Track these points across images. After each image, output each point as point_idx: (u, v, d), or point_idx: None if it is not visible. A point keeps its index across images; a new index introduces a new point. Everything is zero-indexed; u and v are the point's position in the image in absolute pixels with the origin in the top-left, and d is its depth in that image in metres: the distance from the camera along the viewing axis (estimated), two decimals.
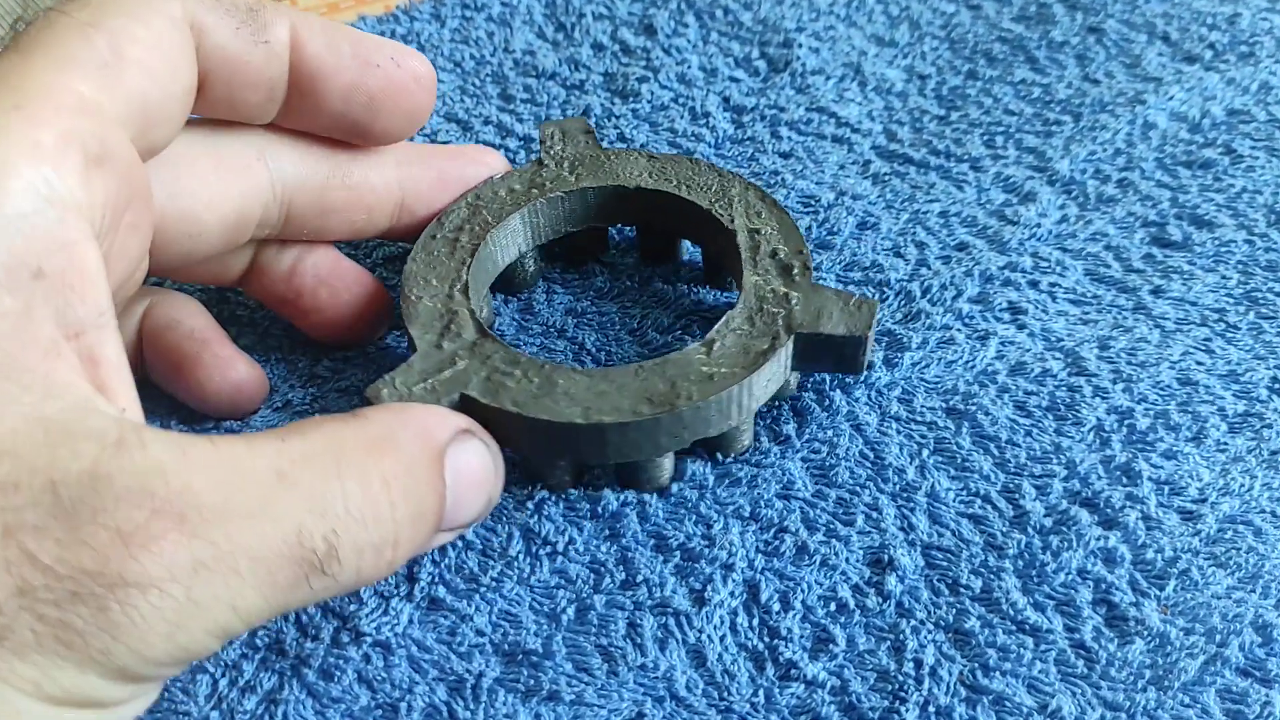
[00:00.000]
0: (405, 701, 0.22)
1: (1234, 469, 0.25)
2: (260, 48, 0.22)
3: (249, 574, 0.17)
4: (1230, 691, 0.22)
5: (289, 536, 0.17)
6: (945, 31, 0.39)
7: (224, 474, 0.17)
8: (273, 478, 0.18)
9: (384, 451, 0.19)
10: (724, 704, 0.22)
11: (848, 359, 0.25)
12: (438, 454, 0.20)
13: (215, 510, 0.17)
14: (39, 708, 0.16)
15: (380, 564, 0.19)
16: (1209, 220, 0.32)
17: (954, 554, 0.24)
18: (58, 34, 0.19)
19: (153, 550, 0.16)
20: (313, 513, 0.18)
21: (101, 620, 0.16)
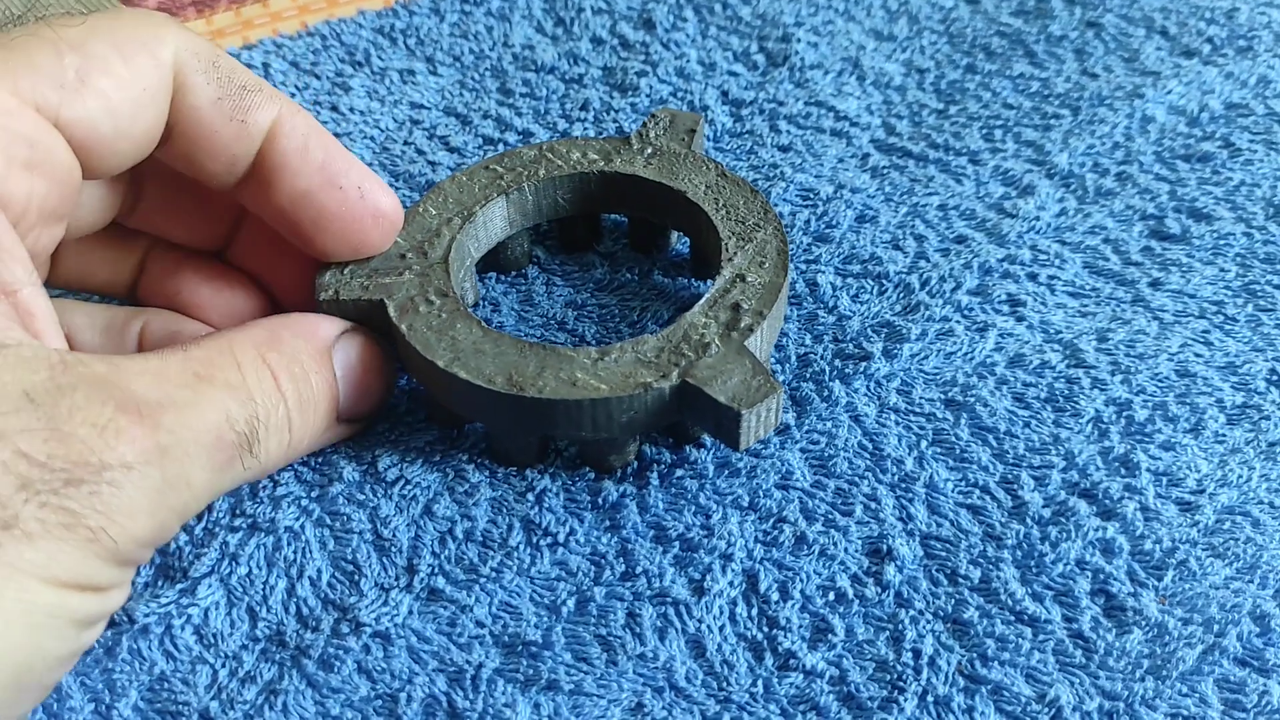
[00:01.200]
0: (405, 692, 0.22)
1: (1232, 460, 0.26)
2: (234, 124, 0.23)
3: (197, 456, 0.20)
4: (1228, 681, 0.22)
5: (221, 421, 0.21)
6: (944, 25, 0.39)
7: (154, 378, 0.20)
8: (192, 377, 0.21)
9: (271, 346, 0.23)
10: (723, 694, 0.22)
11: (725, 429, 0.23)
12: (323, 349, 0.24)
13: (160, 405, 0.19)
14: (47, 592, 0.18)
15: (282, 448, 0.23)
16: (1207, 213, 0.32)
17: (952, 544, 0.24)
18: (32, 44, 0.20)
19: (125, 438, 0.18)
20: (234, 401, 0.21)
21: (95, 501, 0.18)
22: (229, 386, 0.21)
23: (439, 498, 0.25)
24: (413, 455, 0.26)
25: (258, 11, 0.43)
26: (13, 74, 0.20)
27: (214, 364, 0.21)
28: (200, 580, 0.24)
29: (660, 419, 0.24)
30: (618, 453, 0.25)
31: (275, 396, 0.22)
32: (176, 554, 0.24)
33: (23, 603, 0.17)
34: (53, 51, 0.20)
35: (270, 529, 0.25)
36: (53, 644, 0.18)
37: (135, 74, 0.21)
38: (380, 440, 0.26)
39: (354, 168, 0.24)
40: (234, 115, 0.23)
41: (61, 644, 0.19)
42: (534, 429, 0.24)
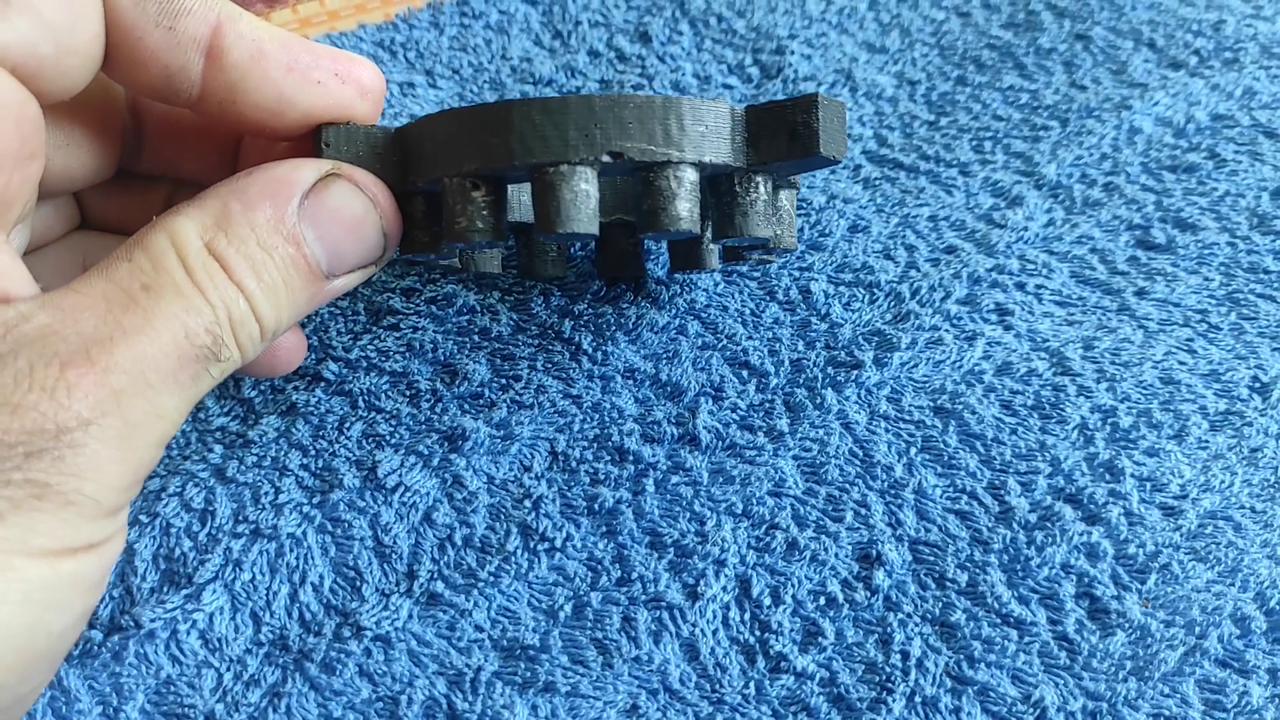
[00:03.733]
0: (406, 694, 0.23)
1: (1215, 466, 0.26)
2: (161, 30, 0.21)
3: (160, 383, 0.19)
4: (1209, 682, 0.22)
5: (177, 339, 0.19)
6: (935, 38, 0.40)
7: (101, 307, 0.19)
8: (140, 293, 0.19)
9: (220, 227, 0.20)
10: (716, 696, 0.23)
11: (800, 134, 0.22)
12: (286, 214, 0.21)
13: (110, 340, 0.18)
14: (35, 565, 0.17)
15: (255, 340, 0.21)
16: (1193, 223, 0.32)
17: (940, 549, 0.25)
18: None
19: (78, 394, 0.18)
20: (187, 312, 0.19)
21: (61, 467, 0.17)
22: (179, 294, 0.19)
23: (438, 505, 0.26)
24: (413, 461, 0.26)
25: None
26: None
27: (160, 269, 0.19)
28: (205, 586, 0.24)
29: (714, 149, 0.22)
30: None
31: (233, 292, 0.20)
32: (181, 560, 0.25)
33: (10, 582, 0.17)
34: None
35: (273, 535, 0.25)
36: (53, 616, 0.18)
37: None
38: (381, 445, 0.27)
39: (322, 56, 0.22)
40: (159, 21, 0.21)
41: (63, 614, 0.19)
42: (597, 143, 0.21)
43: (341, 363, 0.29)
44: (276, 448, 0.27)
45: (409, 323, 0.30)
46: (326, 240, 0.21)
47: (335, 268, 0.22)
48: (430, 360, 0.29)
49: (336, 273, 0.22)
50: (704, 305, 0.30)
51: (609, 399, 0.28)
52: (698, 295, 0.30)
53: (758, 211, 0.23)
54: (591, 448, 0.26)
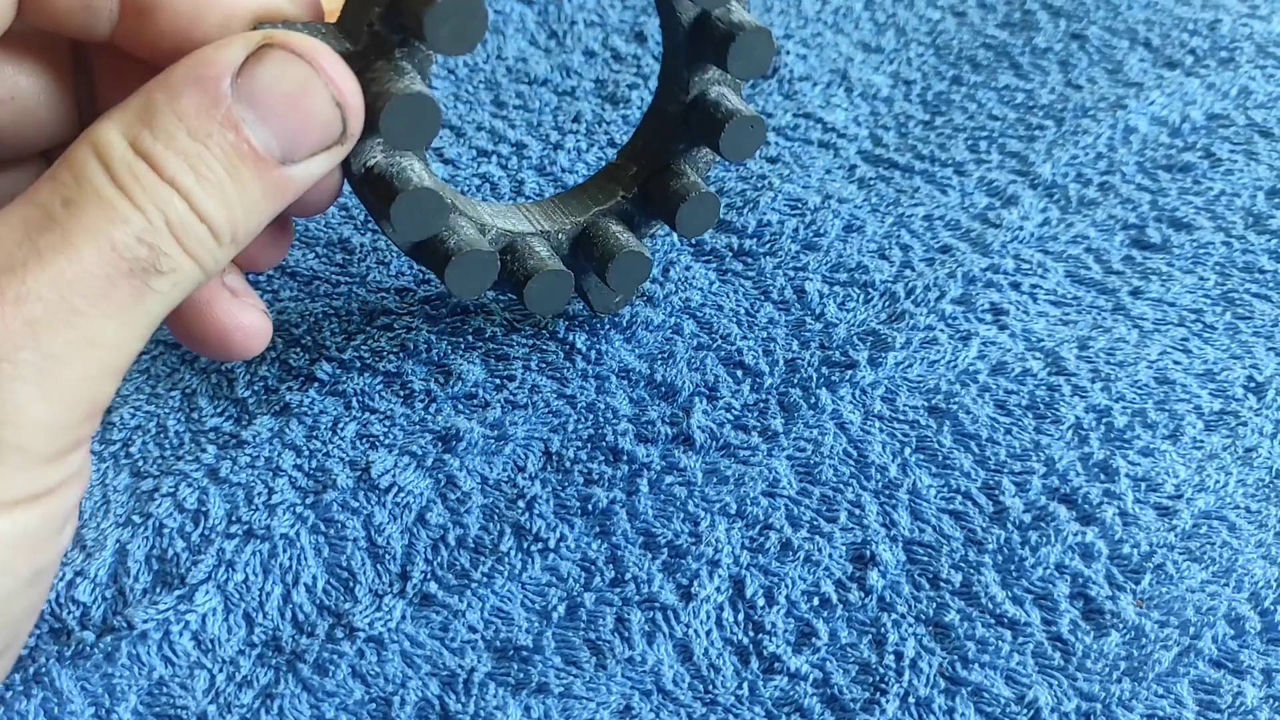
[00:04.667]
0: (399, 696, 0.23)
1: (1209, 466, 0.26)
2: None
3: (88, 306, 0.17)
4: (1203, 682, 0.22)
5: (103, 253, 0.17)
6: (931, 38, 0.40)
7: (20, 233, 0.17)
8: (60, 210, 0.17)
9: (143, 123, 0.18)
10: (709, 697, 0.23)
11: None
12: (216, 96, 0.18)
13: (23, 267, 0.16)
14: None
15: (207, 243, 0.19)
16: (1188, 223, 0.32)
17: (935, 549, 0.25)
18: None
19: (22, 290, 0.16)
20: (112, 222, 0.17)
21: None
22: (101, 204, 0.17)
23: (431, 505, 0.26)
24: (406, 461, 0.26)
25: None
26: None
27: (82, 180, 0.17)
28: (197, 587, 0.24)
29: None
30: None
31: (165, 192, 0.18)
32: (174, 561, 0.25)
33: None
34: None
35: (266, 536, 0.25)
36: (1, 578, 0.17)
37: None
38: (375, 447, 0.27)
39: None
40: None
41: (10, 575, 0.17)
42: None
43: (335, 363, 0.29)
44: (270, 448, 0.27)
45: (402, 323, 0.30)
46: (270, 120, 0.19)
47: (289, 152, 0.19)
48: (424, 360, 0.29)
49: (293, 158, 0.19)
50: (699, 305, 0.30)
51: (603, 399, 0.28)
52: (692, 294, 0.30)
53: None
54: (585, 448, 0.26)
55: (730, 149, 0.26)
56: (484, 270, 0.25)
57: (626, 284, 0.27)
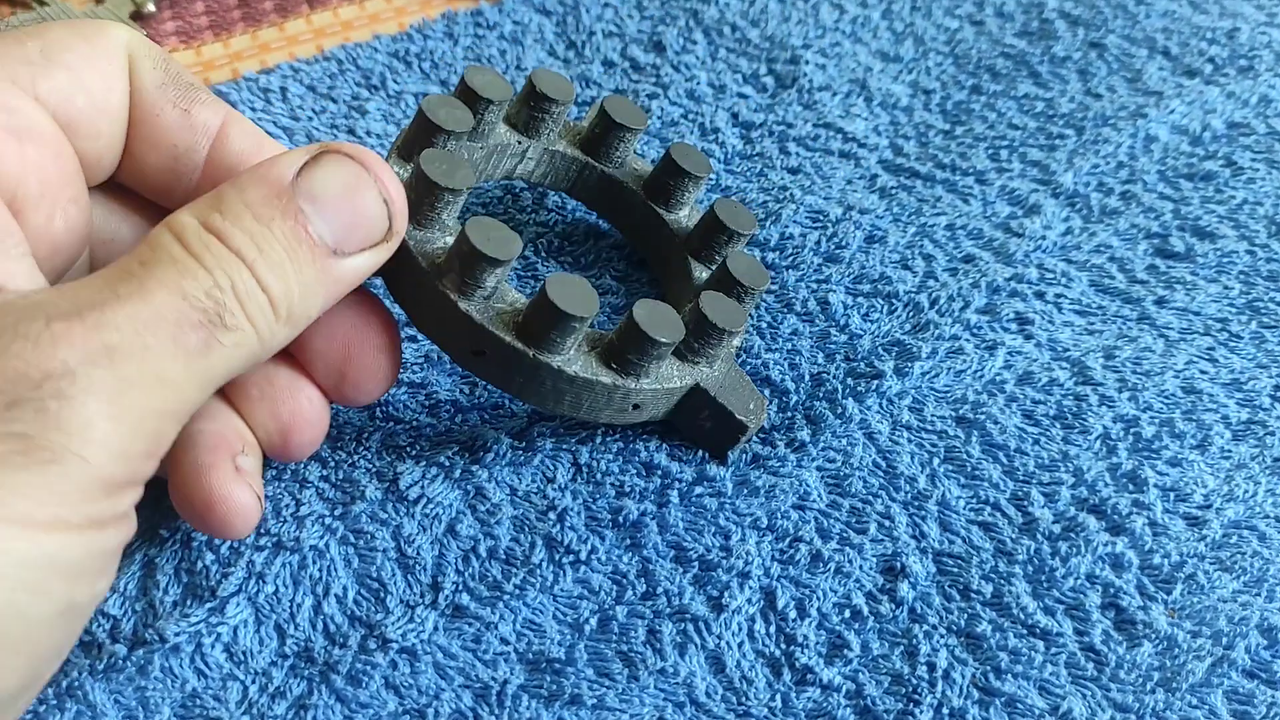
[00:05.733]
0: (432, 708, 0.23)
1: (1238, 475, 0.26)
2: (177, 111, 0.22)
3: (159, 346, 0.18)
4: (1237, 693, 0.22)
5: (176, 302, 0.18)
6: (949, 47, 0.40)
7: (94, 284, 0.18)
8: (137, 267, 0.19)
9: (213, 209, 0.20)
10: (742, 708, 0.23)
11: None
12: (279, 190, 0.20)
13: (102, 303, 0.18)
14: (13, 534, 0.16)
15: (268, 313, 0.20)
16: (1211, 231, 0.32)
17: (965, 561, 0.25)
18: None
19: (63, 344, 0.17)
20: (182, 276, 0.19)
21: (44, 420, 0.16)
22: (175, 263, 0.19)
23: (461, 516, 0.26)
24: (434, 472, 0.26)
25: (274, 35, 0.44)
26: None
27: (157, 247, 0.19)
28: (228, 599, 0.24)
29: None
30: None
31: (232, 261, 0.19)
32: (204, 573, 0.25)
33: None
34: (13, 39, 0.20)
35: (295, 548, 0.25)
36: (26, 598, 0.16)
37: (96, 50, 0.21)
38: (401, 458, 0.27)
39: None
40: (177, 103, 0.22)
41: (44, 600, 0.17)
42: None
43: None
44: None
45: None
46: (326, 213, 0.21)
47: (341, 243, 0.21)
48: (449, 371, 0.29)
49: (345, 249, 0.21)
50: None
51: None
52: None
53: None
54: (617, 460, 0.26)
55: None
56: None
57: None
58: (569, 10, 0.42)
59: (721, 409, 0.26)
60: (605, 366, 0.24)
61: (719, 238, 0.28)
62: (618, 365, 0.24)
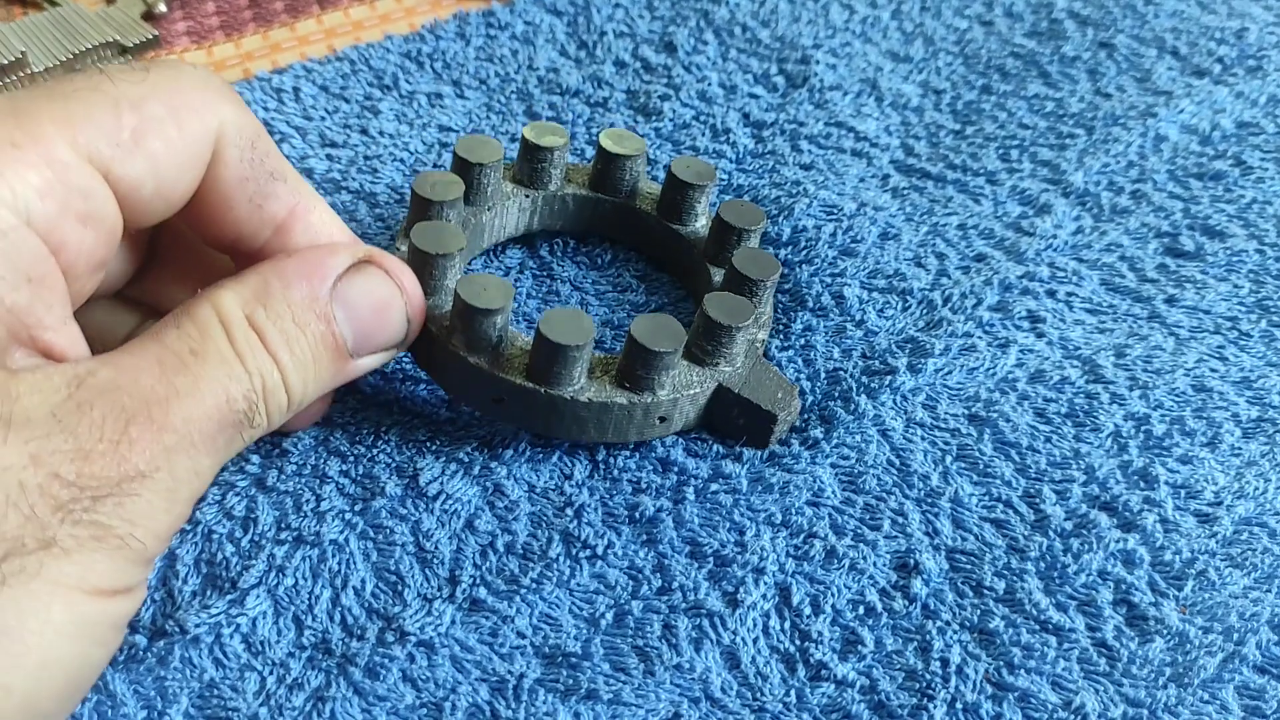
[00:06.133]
0: (449, 701, 0.23)
1: (1248, 473, 0.26)
2: (251, 206, 0.23)
3: (202, 444, 0.21)
4: (1248, 688, 0.22)
5: (220, 405, 0.21)
6: (959, 47, 0.40)
7: (157, 369, 0.20)
8: (189, 357, 0.21)
9: (259, 301, 0.22)
10: (757, 704, 0.23)
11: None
12: (319, 294, 0.23)
13: (166, 401, 0.20)
14: (88, 602, 0.19)
15: (281, 410, 0.23)
16: (1220, 230, 0.32)
17: (977, 557, 0.25)
18: (94, 98, 0.21)
19: (138, 449, 0.20)
20: (229, 378, 0.21)
21: (122, 512, 0.19)
22: (222, 361, 0.21)
23: (480, 512, 0.26)
24: (453, 468, 0.27)
25: (285, 35, 0.44)
26: (72, 126, 0.20)
27: (206, 336, 0.21)
28: (248, 591, 0.25)
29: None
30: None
31: (268, 363, 0.22)
32: (224, 565, 0.25)
33: (71, 616, 0.19)
34: (112, 109, 0.21)
35: (315, 542, 0.25)
36: (97, 650, 0.20)
37: (185, 139, 0.22)
38: (421, 452, 0.27)
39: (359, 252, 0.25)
40: (253, 198, 0.23)
41: (104, 649, 0.20)
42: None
43: (376, 374, 0.29)
44: (315, 455, 0.27)
45: None
46: (354, 321, 0.23)
47: (360, 348, 0.24)
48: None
49: (361, 353, 0.24)
50: None
51: None
52: None
53: None
54: (633, 457, 0.27)
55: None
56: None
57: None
58: (580, 10, 0.42)
59: (748, 404, 0.26)
60: (619, 387, 0.25)
61: (729, 238, 0.29)
62: (630, 384, 0.25)
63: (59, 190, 0.20)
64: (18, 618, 0.18)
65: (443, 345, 0.25)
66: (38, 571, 0.18)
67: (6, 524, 0.18)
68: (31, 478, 0.18)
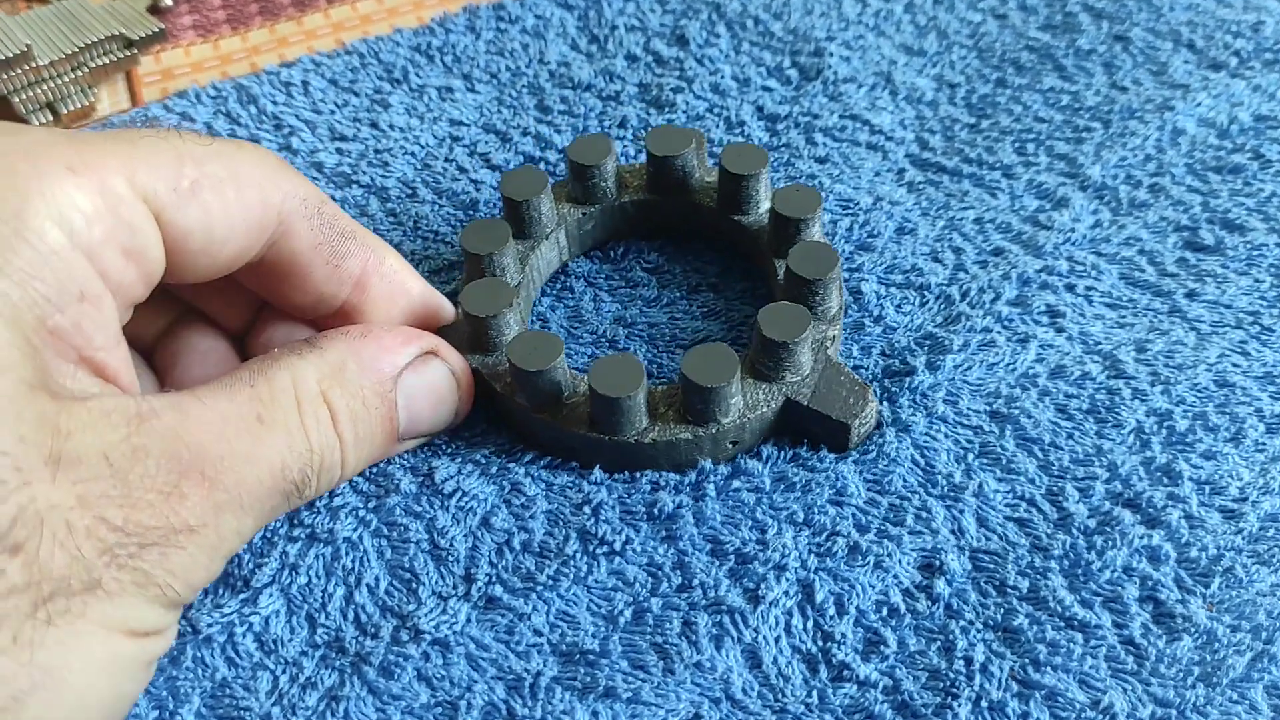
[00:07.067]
0: (464, 699, 0.23)
1: (1273, 468, 0.26)
2: (329, 268, 0.24)
3: (250, 507, 0.21)
4: (1278, 688, 0.22)
5: (275, 472, 0.21)
6: (973, 40, 0.40)
7: (220, 427, 0.21)
8: (255, 423, 0.21)
9: (335, 379, 0.23)
10: (779, 705, 0.22)
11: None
12: (389, 380, 0.24)
13: (222, 460, 0.20)
14: (126, 642, 0.19)
15: (332, 483, 0.24)
16: (1240, 224, 0.32)
17: (1001, 557, 0.24)
18: (160, 146, 0.21)
19: (188, 503, 0.20)
20: (289, 450, 0.22)
21: (164, 562, 0.19)
22: (288, 433, 0.22)
23: (496, 510, 0.26)
24: (469, 468, 0.26)
25: (292, 29, 0.44)
26: (133, 164, 0.21)
27: (276, 404, 0.22)
28: (261, 590, 0.24)
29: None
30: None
31: (332, 440, 0.23)
32: (237, 563, 0.25)
33: (109, 654, 0.19)
34: (175, 159, 0.21)
35: (329, 539, 0.25)
36: (130, 686, 0.20)
37: (242, 205, 0.22)
38: (437, 452, 0.27)
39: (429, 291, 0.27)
40: (329, 260, 0.24)
41: (136, 685, 0.21)
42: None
43: None
44: None
45: None
46: (411, 409, 0.25)
47: (409, 432, 0.25)
48: None
49: (408, 436, 0.25)
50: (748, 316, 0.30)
51: None
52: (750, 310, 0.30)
53: None
54: None
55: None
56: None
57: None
58: (591, 4, 0.42)
59: (817, 415, 0.25)
60: (682, 422, 0.25)
61: (786, 230, 0.28)
62: (693, 417, 0.25)
63: (107, 220, 0.20)
64: (62, 658, 0.18)
65: (507, 402, 0.26)
66: (82, 612, 0.18)
67: (54, 564, 0.18)
68: (79, 519, 0.18)
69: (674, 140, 0.30)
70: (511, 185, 0.29)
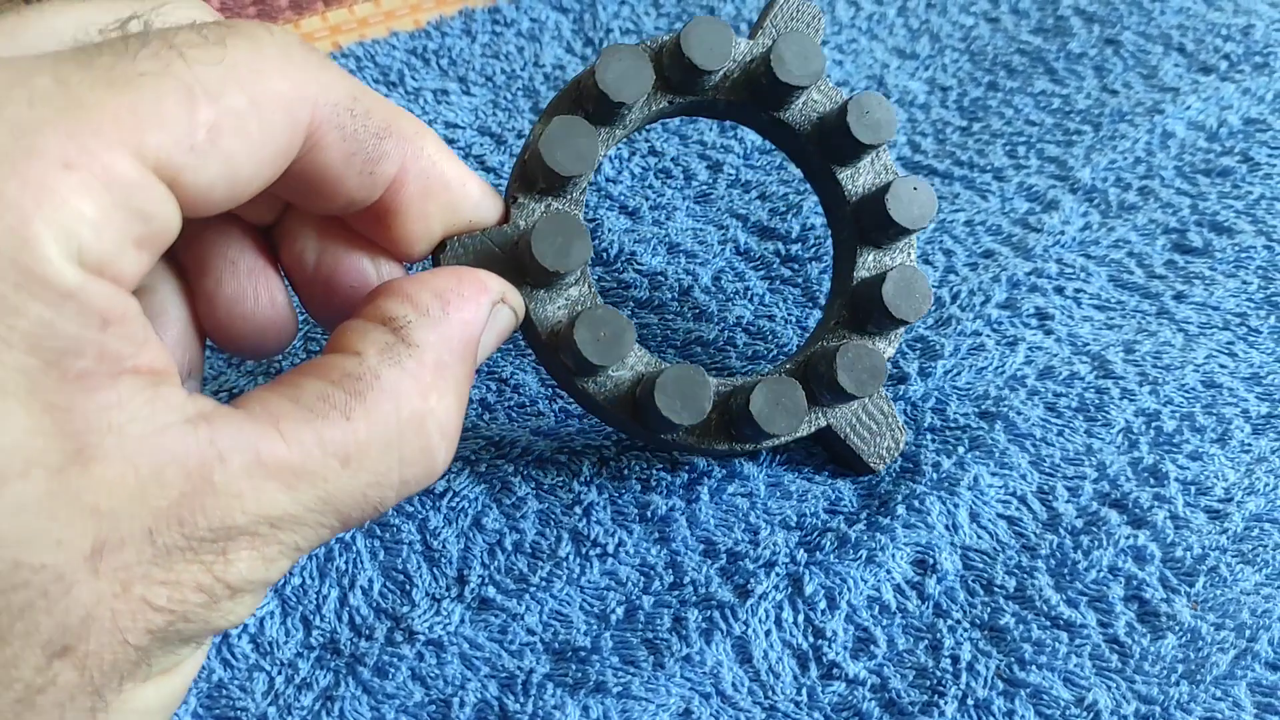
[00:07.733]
0: (458, 697, 0.23)
1: (1259, 469, 0.26)
2: (361, 176, 0.22)
3: (297, 550, 0.19)
4: (1260, 685, 0.22)
5: (347, 515, 0.19)
6: (965, 44, 0.40)
7: (295, 482, 0.19)
8: (338, 465, 0.19)
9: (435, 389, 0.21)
10: (768, 702, 0.23)
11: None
12: (471, 355, 0.22)
13: (288, 518, 0.19)
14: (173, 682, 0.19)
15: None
16: (1228, 227, 0.32)
17: (990, 556, 0.25)
18: (165, 86, 0.18)
19: (233, 569, 0.18)
20: (373, 486, 0.20)
21: (206, 629, 0.18)
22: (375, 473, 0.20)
23: (487, 510, 0.26)
24: (458, 465, 0.26)
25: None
26: (139, 126, 0.17)
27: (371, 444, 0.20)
28: None
29: None
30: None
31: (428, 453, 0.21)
32: None
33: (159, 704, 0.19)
34: (185, 100, 0.18)
35: None
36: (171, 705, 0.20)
37: (266, 135, 0.19)
38: None
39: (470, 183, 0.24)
40: (363, 169, 0.22)
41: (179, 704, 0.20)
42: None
43: None
44: None
45: None
46: (490, 347, 0.23)
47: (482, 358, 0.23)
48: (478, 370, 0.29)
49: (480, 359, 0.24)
50: (751, 319, 0.30)
51: None
52: (743, 310, 0.30)
53: None
54: (642, 456, 0.27)
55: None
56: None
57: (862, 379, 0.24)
58: (586, 8, 0.42)
59: (849, 451, 0.25)
60: (723, 434, 0.24)
61: (888, 231, 0.25)
62: (736, 436, 0.24)
63: (117, 219, 0.17)
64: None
65: (544, 348, 0.24)
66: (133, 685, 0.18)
67: (104, 657, 0.17)
68: (124, 607, 0.17)
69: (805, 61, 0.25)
70: (613, 74, 0.24)
